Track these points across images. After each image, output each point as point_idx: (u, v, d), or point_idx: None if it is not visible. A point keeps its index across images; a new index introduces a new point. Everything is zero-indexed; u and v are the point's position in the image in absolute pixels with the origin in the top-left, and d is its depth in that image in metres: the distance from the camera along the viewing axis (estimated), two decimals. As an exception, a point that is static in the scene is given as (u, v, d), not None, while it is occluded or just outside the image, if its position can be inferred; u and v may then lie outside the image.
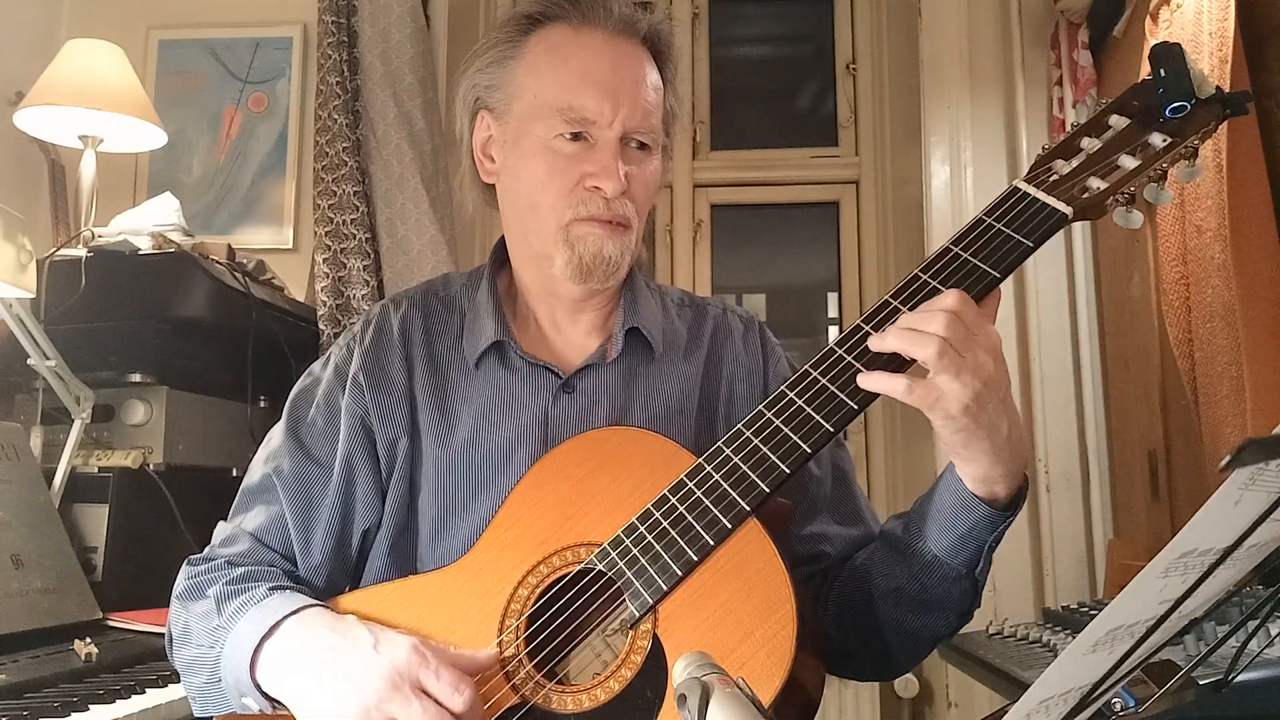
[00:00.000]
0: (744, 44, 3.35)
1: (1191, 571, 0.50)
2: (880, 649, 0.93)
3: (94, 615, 1.49)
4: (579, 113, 0.96)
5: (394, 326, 1.05)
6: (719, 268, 3.13)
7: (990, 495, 0.83)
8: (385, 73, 2.35)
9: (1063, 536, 2.38)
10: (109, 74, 2.07)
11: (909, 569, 0.89)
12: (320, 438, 1.01)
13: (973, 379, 0.77)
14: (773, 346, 1.11)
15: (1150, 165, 0.85)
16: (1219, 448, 1.71)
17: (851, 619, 0.93)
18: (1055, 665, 0.51)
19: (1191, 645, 0.98)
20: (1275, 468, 0.45)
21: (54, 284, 1.74)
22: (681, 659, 0.57)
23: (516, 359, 1.02)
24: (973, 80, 2.57)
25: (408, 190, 2.31)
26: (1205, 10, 1.75)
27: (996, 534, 0.85)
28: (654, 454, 0.88)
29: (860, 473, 2.94)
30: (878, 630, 0.91)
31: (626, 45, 1.00)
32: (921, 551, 0.88)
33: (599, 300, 1.05)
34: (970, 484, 0.83)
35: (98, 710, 1.15)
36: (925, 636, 0.92)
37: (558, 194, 0.97)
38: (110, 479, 1.64)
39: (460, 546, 0.94)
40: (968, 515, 0.84)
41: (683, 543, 0.81)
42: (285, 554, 0.98)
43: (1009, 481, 0.83)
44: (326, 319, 2.19)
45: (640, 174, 0.99)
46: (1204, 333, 1.75)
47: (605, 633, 0.85)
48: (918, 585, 0.88)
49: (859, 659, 0.96)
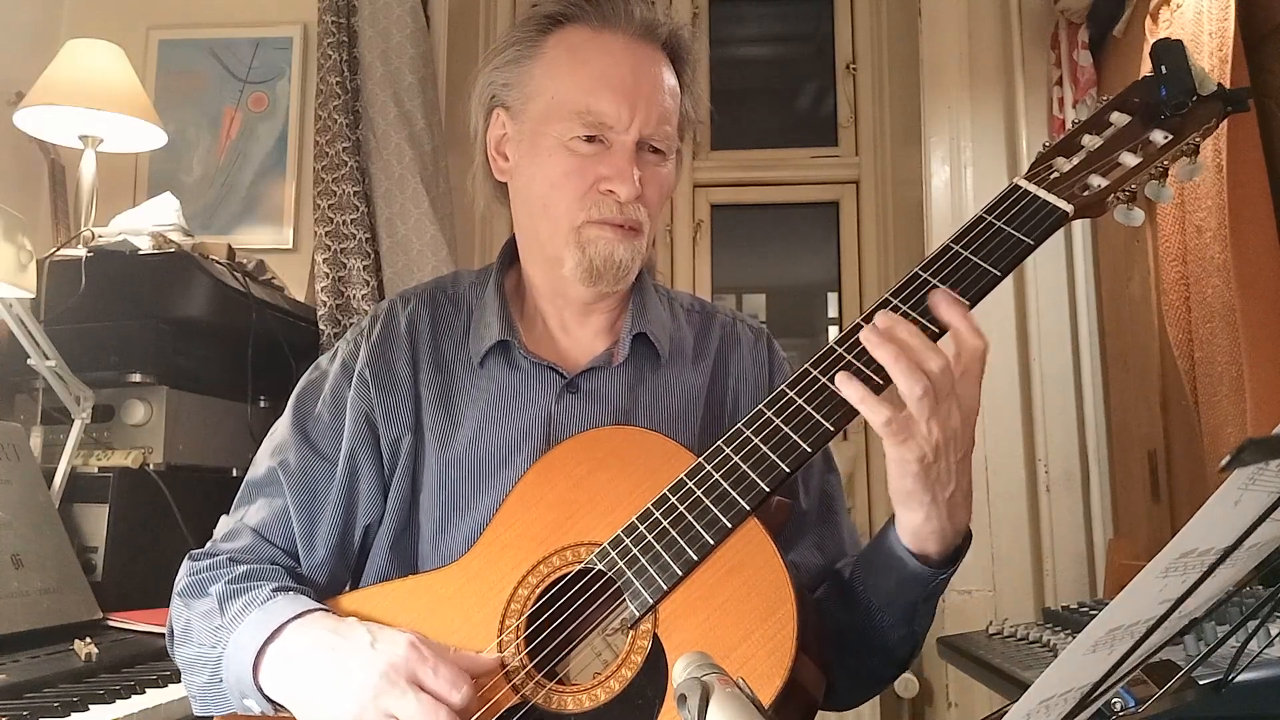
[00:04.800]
0: (744, 44, 3.35)
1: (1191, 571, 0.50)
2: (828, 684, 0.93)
3: (94, 615, 1.49)
4: (596, 116, 0.95)
5: (401, 323, 1.05)
6: (719, 268, 3.13)
7: (921, 550, 0.82)
8: (385, 73, 2.35)
9: (1063, 536, 2.38)
10: (109, 74, 2.07)
11: (851, 615, 0.89)
12: (326, 432, 1.01)
13: (939, 430, 0.76)
14: (779, 359, 1.10)
15: (1151, 162, 0.85)
16: (1219, 448, 1.71)
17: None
18: (1055, 665, 0.51)
19: (1191, 645, 0.98)
20: (1275, 468, 0.45)
21: (54, 284, 1.74)
22: (681, 659, 0.57)
23: (521, 358, 1.02)
24: (973, 80, 2.57)
25: (408, 190, 2.31)
26: (1205, 10, 1.75)
27: (928, 591, 0.84)
28: (654, 453, 0.88)
29: (860, 473, 2.94)
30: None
31: (646, 49, 1.00)
32: (862, 599, 0.88)
33: (608, 303, 1.05)
34: (903, 534, 0.83)
35: (98, 710, 1.15)
36: (865, 676, 0.94)
37: (571, 195, 0.97)
38: (110, 479, 1.64)
39: (462, 545, 0.94)
40: (896, 570, 0.84)
41: (683, 542, 0.81)
42: (287, 549, 0.98)
43: (940, 540, 0.82)
44: (326, 319, 2.19)
45: (654, 178, 0.99)
46: (1204, 333, 1.75)
47: (605, 632, 0.85)
48: (858, 630, 0.88)
49: None
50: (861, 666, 0.91)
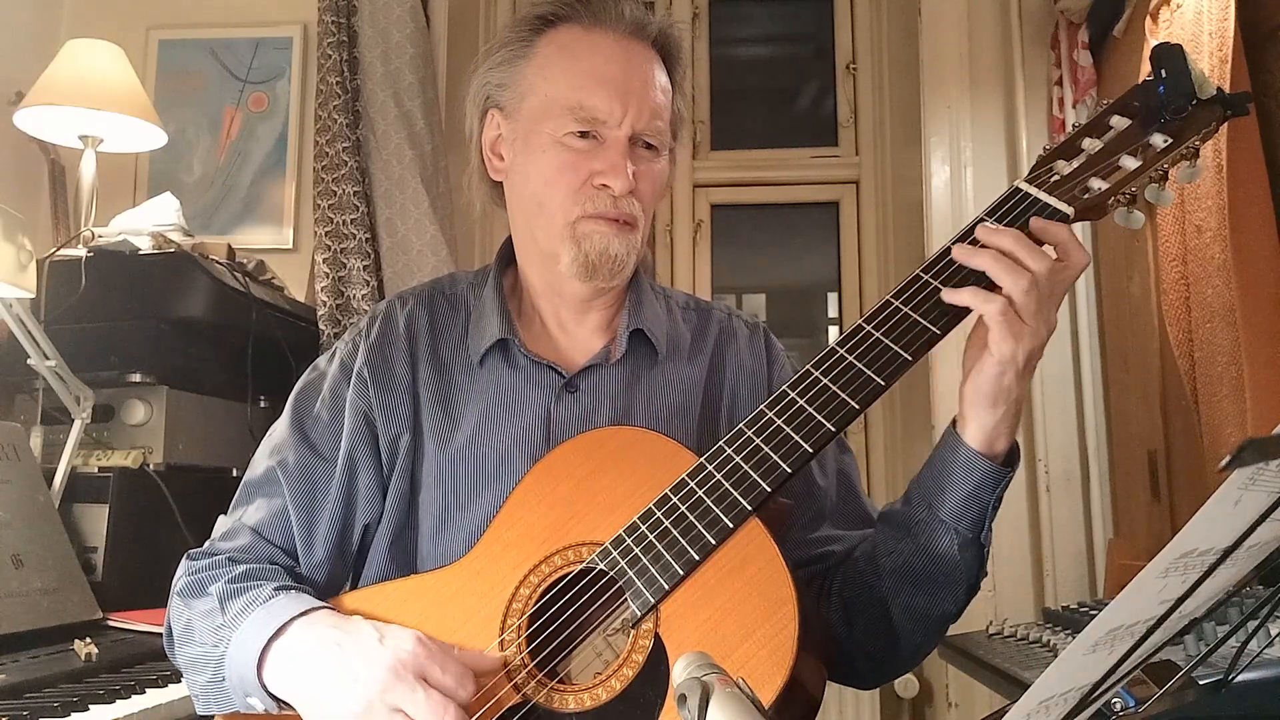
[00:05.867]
0: (744, 44, 3.34)
1: (1191, 571, 0.50)
2: (888, 640, 0.92)
3: (94, 615, 1.49)
4: (589, 112, 0.96)
5: (400, 323, 1.05)
6: (719, 268, 3.12)
7: (991, 450, 0.85)
8: (385, 73, 2.35)
9: (1063, 536, 2.38)
10: (109, 74, 2.07)
11: (914, 542, 0.88)
12: (325, 432, 1.01)
13: (1044, 328, 0.81)
14: (777, 351, 1.11)
15: (1151, 166, 0.86)
16: (1219, 448, 1.71)
17: (857, 611, 0.92)
18: (1055, 665, 0.51)
19: (1191, 645, 0.98)
20: (1275, 468, 0.45)
21: (54, 284, 1.74)
22: (681, 659, 0.57)
23: (520, 357, 1.02)
24: (973, 80, 2.57)
25: (408, 190, 2.31)
26: (1205, 10, 1.75)
27: (998, 491, 0.86)
28: (656, 453, 0.88)
29: (860, 473, 2.94)
30: (885, 618, 0.91)
31: (637, 47, 1.01)
32: (927, 520, 0.88)
33: (604, 300, 1.05)
34: (973, 437, 0.85)
35: (98, 710, 1.15)
36: (935, 616, 0.91)
37: (566, 191, 0.98)
38: (110, 479, 1.64)
39: (461, 544, 0.94)
40: (971, 472, 0.85)
41: (684, 542, 0.81)
42: (286, 549, 0.99)
43: (1009, 435, 0.86)
44: (326, 319, 2.19)
45: (647, 174, 0.99)
46: (1204, 333, 1.75)
47: (607, 632, 0.85)
48: (924, 557, 0.88)
49: (864, 656, 0.95)
50: (931, 604, 0.90)
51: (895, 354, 0.82)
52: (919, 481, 0.90)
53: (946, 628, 0.94)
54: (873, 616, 0.91)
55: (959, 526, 0.86)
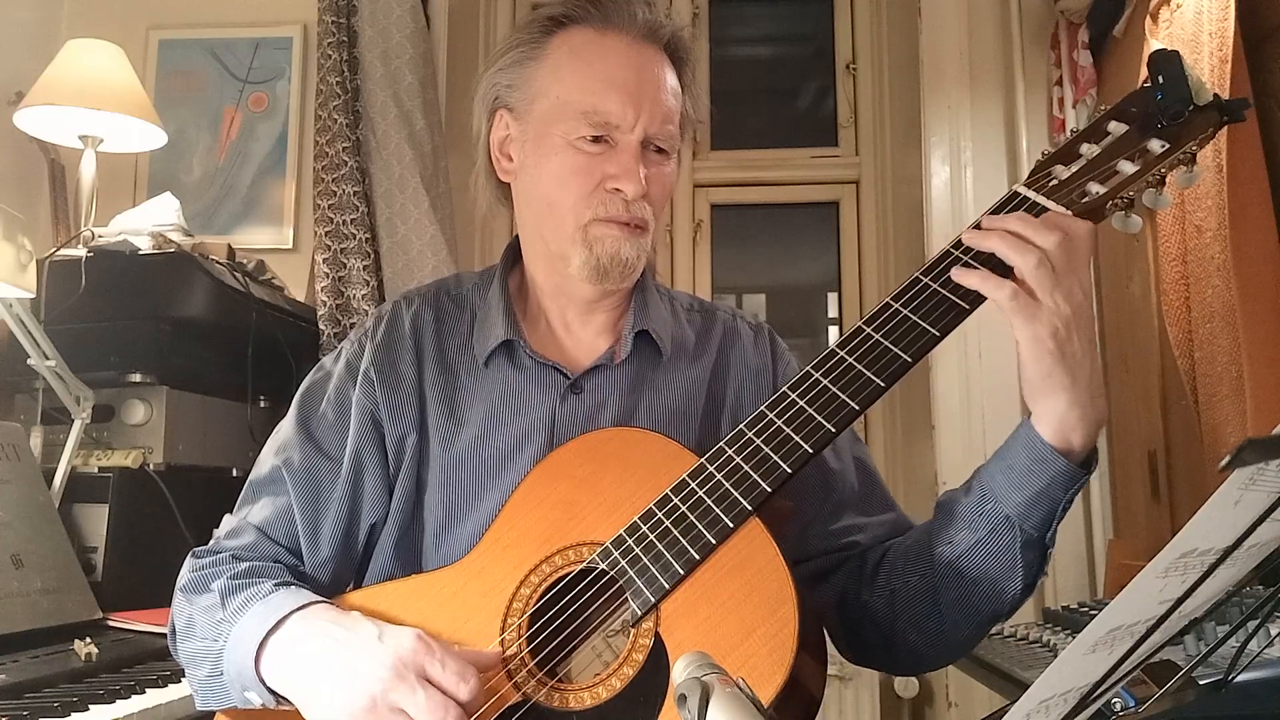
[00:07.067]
0: (744, 44, 3.34)
1: (1191, 571, 0.50)
2: (933, 631, 0.90)
3: (94, 615, 1.49)
4: (602, 116, 0.96)
5: (406, 323, 1.05)
6: (719, 268, 3.12)
7: (1065, 446, 0.82)
8: (385, 73, 2.35)
9: (1063, 536, 2.35)
10: (109, 74, 2.07)
11: (975, 534, 0.86)
12: (330, 431, 1.02)
13: (1065, 302, 0.78)
14: (782, 351, 1.11)
15: (1149, 171, 0.86)
16: (1219, 448, 1.71)
17: (905, 600, 0.91)
18: (1055, 665, 0.51)
19: (1191, 645, 0.98)
20: (1275, 468, 0.45)
21: (54, 284, 1.74)
22: (681, 659, 0.57)
23: (525, 358, 1.03)
24: (973, 80, 2.57)
25: (408, 190, 2.31)
26: (1205, 10, 1.75)
27: (1071, 493, 0.83)
28: (657, 454, 0.88)
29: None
30: (934, 609, 0.89)
31: (649, 50, 1.00)
32: (991, 514, 0.85)
33: (611, 301, 1.05)
34: (1047, 431, 0.81)
35: (98, 710, 1.15)
36: (986, 613, 0.88)
37: (578, 194, 0.98)
38: (110, 479, 1.64)
39: (465, 544, 0.94)
40: (1044, 470, 0.82)
41: (685, 541, 0.81)
42: (290, 548, 0.99)
43: (1085, 430, 0.81)
44: (326, 319, 2.19)
45: (658, 177, 0.99)
46: (1204, 333, 1.75)
47: (607, 632, 0.85)
48: (984, 552, 0.85)
49: (906, 646, 0.93)
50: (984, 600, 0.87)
51: (895, 355, 0.82)
52: (985, 472, 0.87)
53: (995, 625, 0.91)
54: (920, 607, 0.90)
55: (1025, 525, 0.84)
